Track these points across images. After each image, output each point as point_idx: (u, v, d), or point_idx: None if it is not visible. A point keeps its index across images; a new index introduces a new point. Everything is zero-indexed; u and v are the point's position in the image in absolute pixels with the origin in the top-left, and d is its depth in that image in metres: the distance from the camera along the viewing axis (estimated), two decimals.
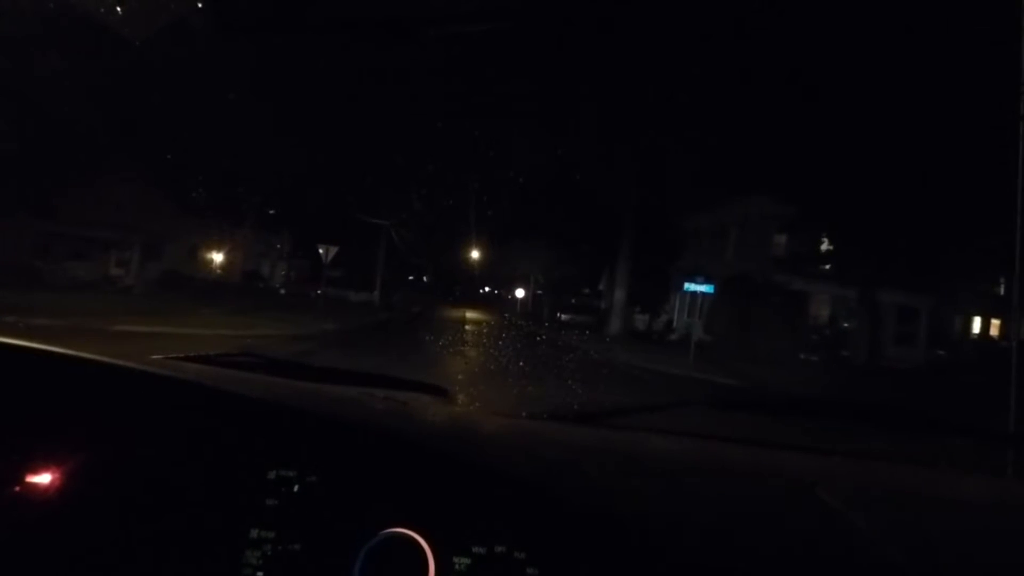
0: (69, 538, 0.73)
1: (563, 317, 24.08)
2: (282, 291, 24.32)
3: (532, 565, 0.65)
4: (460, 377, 5.96)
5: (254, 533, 0.71)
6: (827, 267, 14.19)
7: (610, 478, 0.80)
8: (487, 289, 44.81)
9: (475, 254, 30.60)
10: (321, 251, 12.32)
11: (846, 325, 13.94)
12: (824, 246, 14.06)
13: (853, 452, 1.03)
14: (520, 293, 34.06)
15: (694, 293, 12.61)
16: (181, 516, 0.73)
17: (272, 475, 0.75)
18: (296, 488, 0.74)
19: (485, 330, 15.45)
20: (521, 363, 8.26)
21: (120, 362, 0.89)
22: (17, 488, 0.75)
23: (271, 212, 24.50)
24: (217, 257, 18.69)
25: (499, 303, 40.53)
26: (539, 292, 33.80)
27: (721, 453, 1.03)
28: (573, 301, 29.04)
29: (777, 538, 0.68)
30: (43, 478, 0.76)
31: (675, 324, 19.31)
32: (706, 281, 10.54)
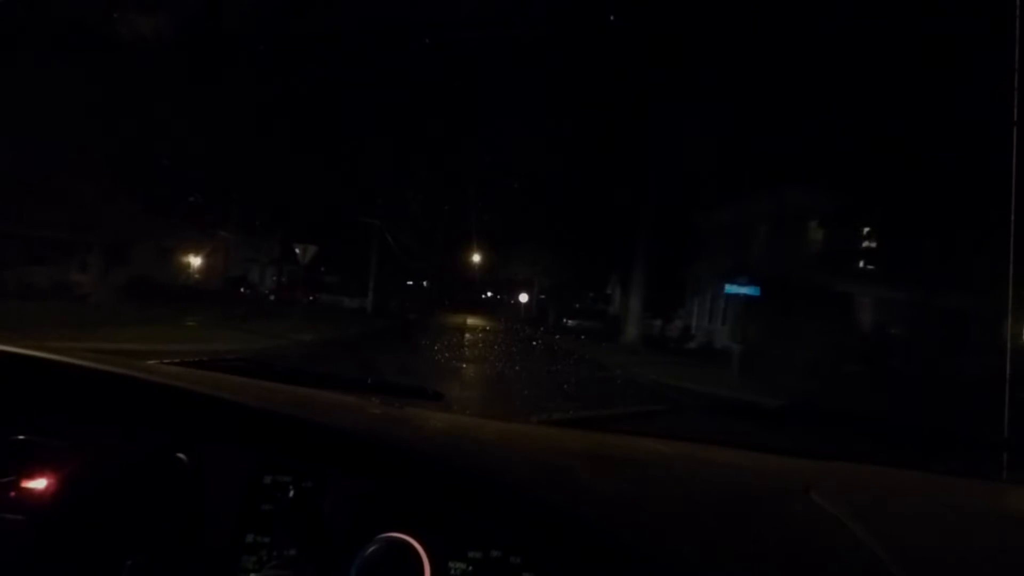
0: (64, 543, 0.73)
1: (569, 323, 22.87)
2: (271, 297, 23.02)
3: (528, 570, 0.66)
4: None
5: (250, 538, 0.72)
6: (870, 267, 12.67)
7: (606, 483, 0.79)
8: (489, 294, 43.43)
9: (476, 257, 29.36)
10: (298, 251, 10.93)
11: (893, 332, 12.44)
12: (867, 243, 12.54)
13: (848, 457, 0.99)
14: (524, 298, 32.73)
15: (715, 297, 11.33)
16: (177, 521, 0.74)
17: (268, 480, 0.76)
18: (292, 493, 0.74)
19: (487, 339, 14.05)
20: (532, 379, 6.99)
21: (115, 368, 0.89)
22: (12, 493, 0.75)
23: (261, 214, 23.24)
24: (195, 261, 17.28)
25: (501, 308, 39.15)
26: (542, 296, 32.59)
27: (717, 458, 1.00)
28: (577, 306, 27.92)
29: (772, 542, 0.67)
30: (38, 483, 0.76)
31: (694, 331, 17.84)
32: (749, 283, 9.14)
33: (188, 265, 17.20)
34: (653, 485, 0.81)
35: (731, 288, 9.44)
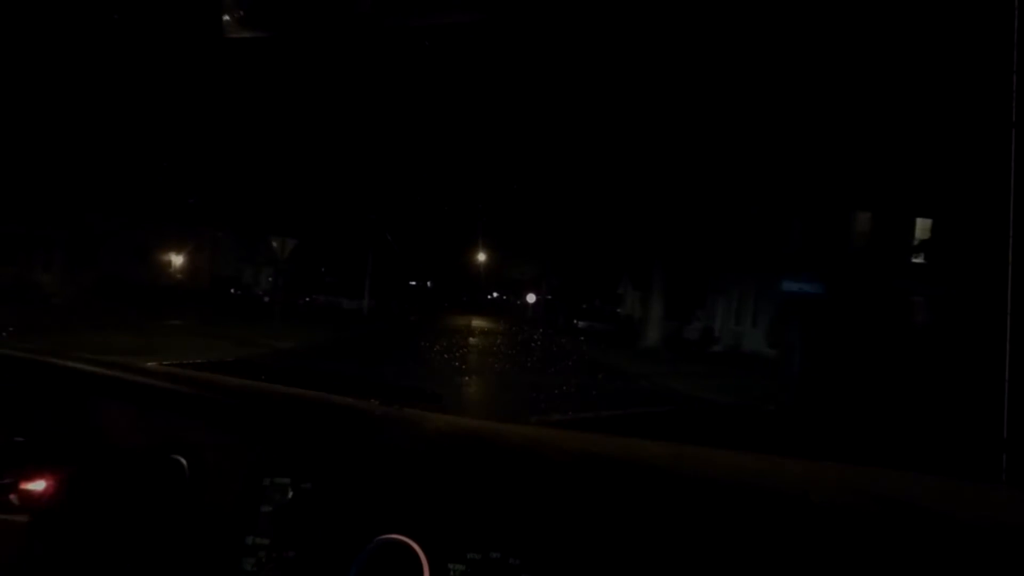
0: (64, 545, 0.73)
1: (580, 324, 21.99)
2: (266, 299, 22.01)
3: (527, 572, 0.67)
4: None
5: (249, 540, 0.73)
6: (924, 262, 11.25)
7: (605, 485, 0.79)
8: (495, 294, 42.40)
9: (481, 257, 28.35)
10: (275, 244, 9.85)
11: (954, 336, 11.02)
12: (928, 235, 11.09)
13: (847, 458, 0.97)
14: (531, 298, 31.76)
15: (743, 295, 10.33)
16: (176, 523, 0.75)
17: (267, 482, 0.77)
18: (290, 495, 0.75)
19: (494, 343, 12.91)
20: (535, 381, 6.61)
21: (113, 371, 0.91)
22: (12, 495, 0.77)
23: (256, 211, 22.24)
24: (177, 260, 16.11)
25: (508, 309, 38.18)
26: (549, 297, 31.66)
27: (716, 459, 0.97)
28: (584, 307, 27.11)
29: (771, 543, 0.69)
30: (37, 485, 0.78)
31: (717, 333, 16.49)
32: (811, 279, 7.91)
33: (169, 264, 16.03)
34: (652, 487, 0.79)
35: (789, 286, 8.20)
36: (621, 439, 1.00)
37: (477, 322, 21.70)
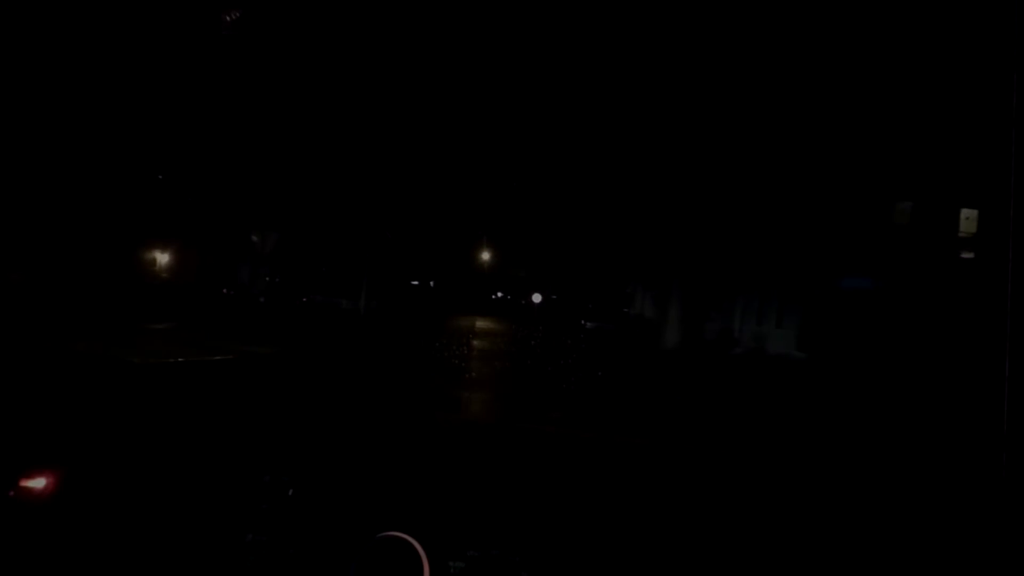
0: (64, 540, 0.79)
1: (588, 325, 21.53)
2: (261, 299, 21.46)
3: (526, 569, 0.74)
4: None
5: (248, 537, 0.81)
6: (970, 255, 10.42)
7: (605, 484, 0.89)
8: (499, 294, 41.96)
9: (485, 255, 27.88)
10: (255, 239, 9.22)
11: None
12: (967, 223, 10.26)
13: (847, 458, 0.86)
14: (536, 298, 31.33)
15: (765, 294, 9.79)
16: (176, 520, 0.82)
17: (267, 479, 0.85)
18: (291, 492, 0.83)
19: (500, 347, 12.40)
20: (536, 383, 6.73)
21: (115, 370, 0.88)
22: (12, 493, 0.84)
23: (252, 207, 21.69)
24: (162, 258, 15.40)
25: (512, 309, 37.72)
26: (554, 296, 31.21)
27: (716, 459, 0.92)
28: (590, 306, 26.65)
29: (768, 542, 0.78)
30: (37, 482, 0.85)
31: (736, 334, 15.67)
32: (859, 275, 7.27)
33: (153, 262, 15.33)
34: (652, 486, 0.88)
35: (847, 282, 7.55)
36: (622, 438, 0.97)
37: (481, 323, 21.27)
